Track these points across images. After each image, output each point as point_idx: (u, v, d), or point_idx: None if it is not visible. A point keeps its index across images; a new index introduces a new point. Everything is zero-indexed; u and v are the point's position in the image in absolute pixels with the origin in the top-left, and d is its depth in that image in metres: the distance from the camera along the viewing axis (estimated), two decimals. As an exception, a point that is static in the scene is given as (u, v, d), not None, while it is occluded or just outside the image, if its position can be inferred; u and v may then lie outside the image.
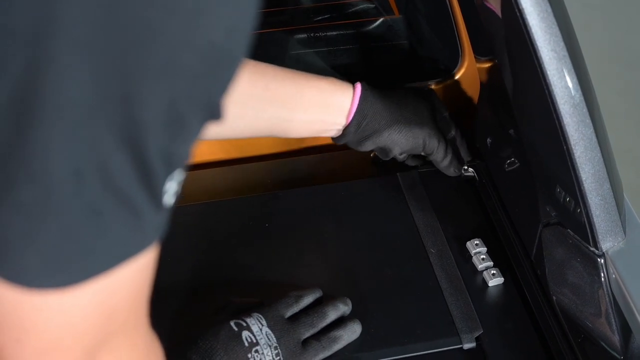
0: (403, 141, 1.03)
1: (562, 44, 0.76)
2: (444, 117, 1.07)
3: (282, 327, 0.86)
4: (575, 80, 0.77)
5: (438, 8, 1.17)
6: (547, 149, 0.88)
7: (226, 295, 0.91)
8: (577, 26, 0.81)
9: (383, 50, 1.26)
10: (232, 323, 0.84)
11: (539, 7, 0.75)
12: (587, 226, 0.82)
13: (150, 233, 0.48)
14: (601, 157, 0.79)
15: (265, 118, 0.98)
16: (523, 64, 0.84)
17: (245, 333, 0.83)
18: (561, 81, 0.76)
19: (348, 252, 1.00)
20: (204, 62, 0.45)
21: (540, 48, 0.76)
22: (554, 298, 0.90)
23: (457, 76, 1.19)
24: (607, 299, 0.82)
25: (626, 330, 0.81)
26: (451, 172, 1.08)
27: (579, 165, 0.79)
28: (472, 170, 1.10)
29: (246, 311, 0.86)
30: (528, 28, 0.76)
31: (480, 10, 0.94)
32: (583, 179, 0.79)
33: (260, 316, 0.86)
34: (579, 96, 0.77)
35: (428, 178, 1.09)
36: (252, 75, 0.95)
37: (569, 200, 0.84)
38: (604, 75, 2.36)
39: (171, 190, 0.48)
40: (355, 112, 1.00)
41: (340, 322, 0.90)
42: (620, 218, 0.82)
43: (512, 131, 1.01)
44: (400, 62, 1.26)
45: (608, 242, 0.82)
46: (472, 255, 0.99)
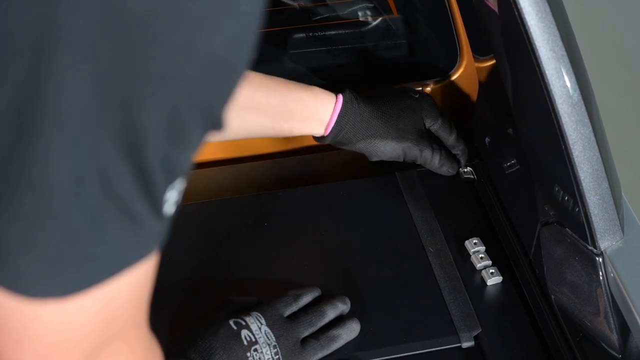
0: (379, 153, 1.06)
1: (561, 44, 0.76)
2: (437, 123, 1.08)
3: (281, 326, 0.86)
4: (573, 79, 0.77)
5: (436, 7, 1.17)
6: (546, 148, 0.88)
7: (225, 294, 0.91)
8: (576, 26, 0.81)
9: (381, 49, 1.26)
10: (231, 322, 0.84)
11: (538, 7, 0.75)
12: (586, 225, 0.82)
13: (150, 241, 0.48)
14: (599, 157, 0.79)
15: (247, 125, 1.01)
16: (521, 64, 0.84)
17: (244, 332, 0.83)
18: (559, 80, 0.77)
19: (347, 251, 1.01)
20: (206, 72, 0.45)
21: (538, 47, 0.76)
22: (553, 297, 0.90)
23: (456, 75, 1.19)
24: (606, 298, 0.82)
25: (624, 329, 0.81)
26: (444, 173, 1.09)
27: (578, 164, 0.79)
28: (471, 169, 1.10)
29: (245, 310, 0.87)
30: (526, 27, 0.76)
31: (478, 9, 0.94)
32: (581, 178, 0.79)
33: (259, 315, 0.86)
34: (577, 95, 0.77)
35: (427, 177, 1.09)
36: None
37: (568, 199, 0.84)
38: (603, 75, 2.36)
39: (172, 199, 0.48)
40: (333, 125, 1.03)
41: (339, 321, 0.90)
42: (618, 217, 0.82)
43: (511, 130, 1.01)
44: (398, 62, 1.26)
45: (606, 241, 0.82)
46: (471, 254, 0.99)
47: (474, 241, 1.00)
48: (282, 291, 0.90)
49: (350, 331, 0.89)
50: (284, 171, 1.13)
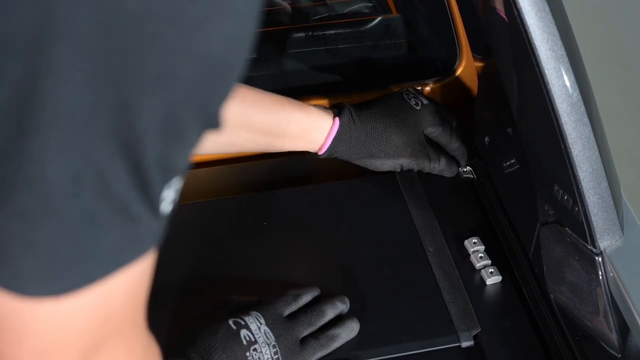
0: (375, 169, 1.07)
1: (560, 43, 0.76)
2: (437, 131, 1.08)
3: (281, 326, 0.86)
4: (572, 79, 0.77)
5: (436, 7, 1.17)
6: (545, 148, 0.88)
7: (224, 293, 0.91)
8: (576, 26, 0.81)
9: (381, 49, 1.26)
10: (231, 321, 0.84)
11: (537, 6, 0.75)
12: (585, 224, 0.82)
13: (147, 240, 0.48)
14: (599, 156, 0.79)
15: (238, 141, 1.01)
16: (521, 63, 0.84)
17: (243, 331, 0.83)
18: (559, 80, 0.77)
19: (346, 251, 1.01)
20: (203, 72, 0.45)
21: (538, 47, 0.76)
22: (552, 296, 0.90)
23: (455, 75, 1.19)
24: (605, 297, 0.82)
25: (624, 328, 0.81)
26: (445, 175, 1.09)
27: (577, 163, 0.79)
28: (470, 169, 1.10)
29: (245, 310, 0.87)
30: (526, 27, 0.76)
31: (478, 8, 0.94)
32: (581, 178, 0.79)
33: (258, 315, 0.86)
34: (577, 95, 0.77)
35: (426, 177, 1.09)
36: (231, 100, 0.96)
37: (567, 198, 0.84)
38: (603, 74, 2.36)
39: (168, 198, 0.48)
40: (327, 149, 1.04)
41: (338, 321, 0.90)
42: (618, 217, 0.82)
43: (510, 130, 1.01)
44: (397, 61, 1.26)
45: (606, 241, 0.82)
46: (470, 253, 0.99)
47: (474, 241, 1.00)
48: (282, 291, 0.90)
49: (349, 331, 0.89)
50: (283, 171, 1.13)
